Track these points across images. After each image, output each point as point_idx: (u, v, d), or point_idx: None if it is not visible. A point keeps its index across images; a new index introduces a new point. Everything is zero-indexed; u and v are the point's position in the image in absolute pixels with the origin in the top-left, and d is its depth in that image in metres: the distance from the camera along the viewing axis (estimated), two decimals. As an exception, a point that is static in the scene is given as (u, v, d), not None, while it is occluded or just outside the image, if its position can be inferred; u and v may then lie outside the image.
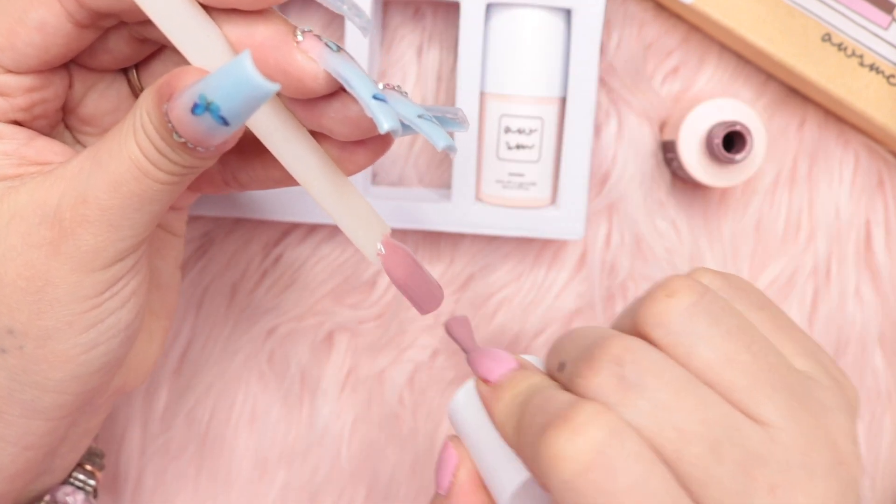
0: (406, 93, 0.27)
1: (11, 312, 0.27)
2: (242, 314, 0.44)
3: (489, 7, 0.39)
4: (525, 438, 0.26)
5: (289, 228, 0.44)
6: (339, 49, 0.26)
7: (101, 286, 0.27)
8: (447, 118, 0.28)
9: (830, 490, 0.25)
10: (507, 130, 0.40)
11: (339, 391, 0.44)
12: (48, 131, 0.29)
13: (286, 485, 0.45)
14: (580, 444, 0.23)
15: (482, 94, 0.40)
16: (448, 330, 0.32)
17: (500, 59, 0.39)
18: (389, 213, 0.41)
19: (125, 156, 0.26)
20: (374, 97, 0.25)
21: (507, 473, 0.28)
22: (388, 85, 0.27)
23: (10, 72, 0.27)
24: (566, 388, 0.26)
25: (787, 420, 0.25)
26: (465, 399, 0.29)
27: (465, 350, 0.31)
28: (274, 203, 0.41)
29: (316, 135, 0.28)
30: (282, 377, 0.44)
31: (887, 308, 0.45)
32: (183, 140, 0.25)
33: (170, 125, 0.25)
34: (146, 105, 0.25)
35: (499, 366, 0.29)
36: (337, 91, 0.26)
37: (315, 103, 0.27)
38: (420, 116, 0.26)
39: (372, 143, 0.29)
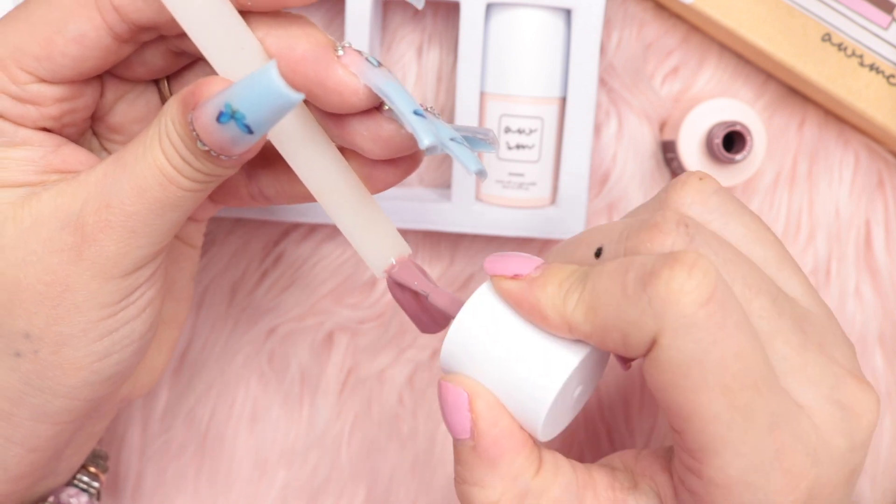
0: (438, 114, 0.27)
1: (29, 317, 0.27)
2: (242, 314, 0.44)
3: (489, 7, 0.39)
4: (610, 300, 0.25)
5: (289, 228, 0.44)
6: (380, 64, 0.26)
7: (119, 294, 0.27)
8: (478, 139, 0.29)
9: (851, 355, 0.27)
10: (508, 130, 0.40)
11: (339, 391, 0.44)
12: (76, 138, 0.30)
13: (286, 485, 0.45)
14: (699, 277, 0.23)
15: (482, 94, 0.40)
16: (391, 277, 0.29)
17: (500, 59, 0.39)
18: (389, 213, 0.41)
19: (150, 162, 0.26)
20: (415, 113, 0.25)
21: (554, 363, 0.26)
22: (422, 105, 0.27)
23: (43, 81, 0.27)
24: None
25: (806, 295, 0.27)
26: (479, 312, 0.27)
27: (421, 292, 0.29)
28: (274, 203, 0.41)
29: (345, 152, 0.28)
30: (282, 377, 0.44)
31: (887, 308, 0.45)
32: (207, 148, 0.25)
33: (194, 133, 0.25)
34: (171, 113, 0.25)
35: (528, 262, 0.27)
36: (370, 109, 0.26)
37: (348, 120, 0.27)
38: (452, 139, 0.26)
39: (401, 162, 0.29)
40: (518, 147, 0.40)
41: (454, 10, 0.42)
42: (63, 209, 0.27)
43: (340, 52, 0.26)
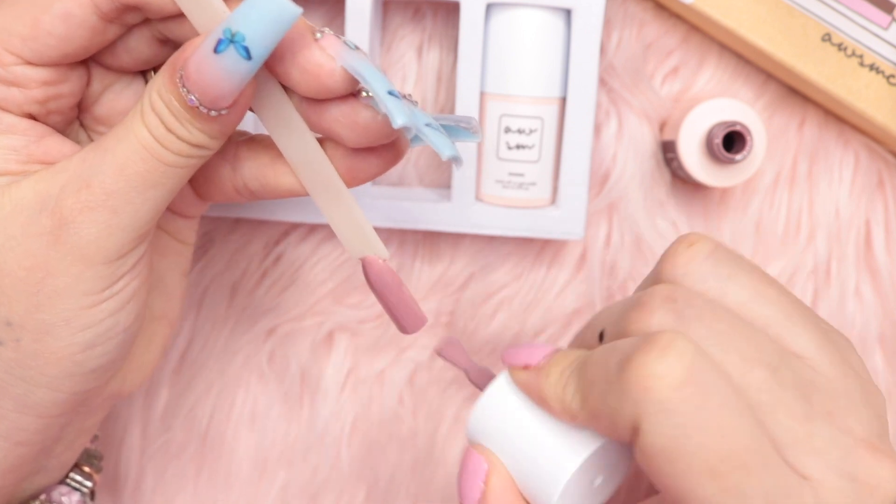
0: (416, 102, 0.28)
1: (10, 304, 0.27)
2: (242, 314, 0.44)
3: (489, 7, 0.39)
4: (597, 389, 0.25)
5: (289, 228, 0.44)
6: (357, 48, 0.26)
7: (102, 282, 0.27)
8: (460, 128, 0.29)
9: (871, 416, 0.25)
10: (507, 130, 0.40)
11: (339, 391, 0.44)
12: (62, 128, 0.30)
13: (286, 485, 0.45)
14: (673, 361, 0.23)
15: (482, 94, 0.40)
16: (440, 353, 0.31)
17: (500, 59, 0.39)
18: (389, 213, 0.41)
19: (132, 138, 0.26)
20: (389, 93, 0.25)
21: (562, 456, 0.27)
22: (399, 92, 0.27)
23: (29, 63, 0.27)
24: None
25: (820, 353, 0.26)
26: (500, 397, 0.28)
27: (467, 371, 0.30)
28: (274, 203, 0.41)
29: (325, 143, 0.29)
30: (282, 377, 0.44)
31: (887, 308, 0.45)
32: (196, 103, 0.25)
33: (183, 90, 0.25)
34: (157, 82, 0.26)
35: (537, 351, 0.28)
36: (348, 96, 0.27)
37: (326, 106, 0.27)
38: (427, 125, 0.26)
39: (383, 152, 0.29)
40: (518, 147, 0.40)
41: (454, 10, 0.42)
42: (41, 193, 0.27)
43: (319, 36, 0.26)
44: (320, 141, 0.29)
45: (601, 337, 0.28)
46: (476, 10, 0.39)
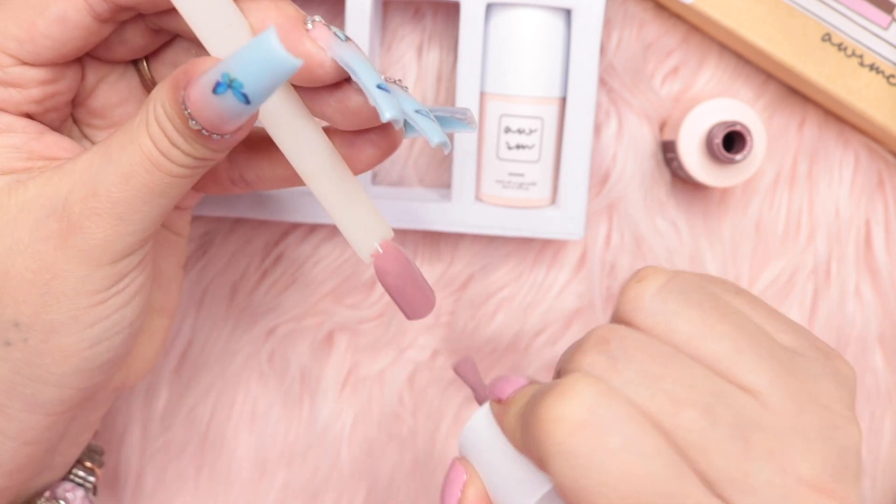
0: (407, 87, 0.28)
1: (18, 305, 0.27)
2: (242, 314, 0.44)
3: (489, 7, 0.39)
4: (520, 429, 0.26)
5: (289, 228, 0.44)
6: (347, 39, 0.26)
7: (108, 281, 0.27)
8: (455, 118, 0.29)
9: (828, 454, 0.25)
10: (507, 130, 0.40)
11: (339, 391, 0.44)
12: (58, 125, 0.30)
13: (286, 485, 0.45)
14: (570, 404, 0.24)
15: (482, 94, 0.40)
16: (459, 373, 0.32)
17: (500, 59, 0.39)
18: (389, 213, 0.41)
19: (137, 148, 0.26)
20: (378, 87, 0.25)
21: (521, 491, 0.28)
22: (389, 78, 0.27)
23: (25, 64, 0.27)
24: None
25: (774, 386, 0.25)
26: (482, 422, 0.30)
27: (475, 391, 0.32)
28: (274, 203, 0.41)
29: (326, 133, 0.29)
30: (282, 377, 0.44)
31: (887, 308, 0.45)
32: (198, 128, 0.25)
33: (186, 112, 0.25)
34: (161, 96, 0.25)
35: (509, 385, 0.29)
36: (340, 82, 0.27)
37: (318, 92, 0.27)
38: (417, 111, 0.26)
39: (378, 141, 0.29)
40: (518, 147, 0.40)
41: (454, 10, 0.42)
42: (48, 197, 0.27)
43: (310, 26, 0.26)
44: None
45: (557, 374, 0.28)
46: (476, 10, 0.39)
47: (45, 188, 0.27)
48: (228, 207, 0.41)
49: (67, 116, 0.30)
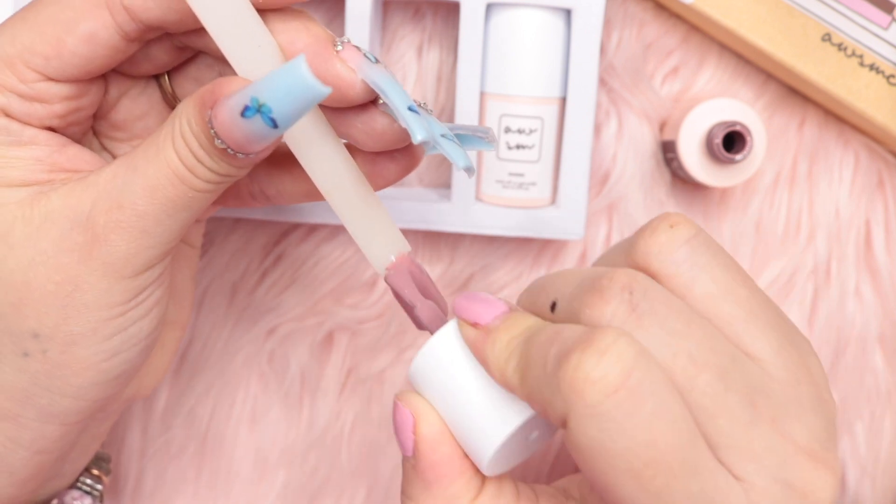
0: (432, 111, 0.28)
1: (39, 316, 0.27)
2: (242, 314, 0.44)
3: (489, 7, 0.39)
4: (534, 373, 0.25)
5: (289, 228, 0.44)
6: (377, 60, 0.26)
7: (129, 294, 0.27)
8: (477, 137, 0.29)
9: (818, 423, 0.25)
10: (508, 130, 0.40)
11: (339, 391, 0.44)
12: (79, 137, 0.30)
13: (286, 485, 0.45)
14: (607, 365, 0.23)
15: (482, 94, 0.40)
16: (390, 284, 0.30)
17: (500, 59, 0.39)
18: (389, 213, 0.41)
19: (163, 162, 0.26)
20: (409, 108, 0.25)
21: (497, 419, 0.27)
22: (416, 101, 0.27)
23: (51, 80, 0.27)
24: (567, 322, 0.26)
25: (777, 356, 0.25)
26: (444, 346, 0.28)
27: (410, 307, 0.29)
28: (274, 203, 0.41)
29: (348, 150, 0.29)
30: (282, 377, 0.44)
31: (887, 308, 0.45)
32: (224, 146, 0.25)
33: (212, 131, 0.25)
34: (187, 113, 0.26)
35: (490, 308, 0.27)
36: (366, 103, 0.27)
37: (345, 113, 0.27)
38: (443, 136, 0.27)
39: (402, 159, 0.29)
40: (518, 147, 0.40)
41: (454, 10, 0.42)
42: (73, 209, 0.27)
43: (339, 48, 0.26)
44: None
45: (553, 307, 0.27)
46: (476, 10, 0.39)
47: (69, 199, 0.27)
48: (228, 207, 0.41)
49: (89, 129, 0.30)
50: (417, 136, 0.25)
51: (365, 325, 0.44)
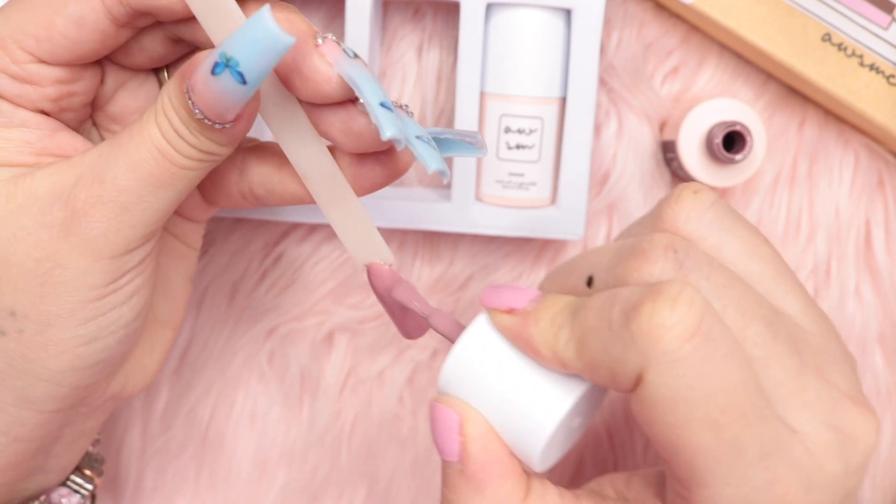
0: (412, 113, 0.28)
1: (16, 293, 0.27)
2: (242, 314, 0.44)
3: (489, 7, 0.39)
4: (596, 336, 0.25)
5: (289, 228, 0.44)
6: (356, 56, 0.27)
7: (108, 276, 0.27)
8: (465, 142, 0.29)
9: (850, 372, 0.27)
10: (507, 130, 0.40)
11: (339, 391, 0.44)
12: (75, 125, 0.30)
13: (286, 485, 0.45)
14: (681, 311, 0.23)
15: (482, 94, 0.40)
16: (399, 298, 0.29)
17: (500, 59, 0.39)
18: (389, 213, 0.41)
19: (145, 137, 0.26)
20: (382, 104, 0.26)
21: (547, 403, 0.26)
22: (395, 102, 0.27)
23: (43, 62, 0.27)
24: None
25: (804, 311, 0.27)
26: (476, 343, 0.27)
27: (424, 314, 0.29)
28: (274, 203, 0.41)
29: (332, 153, 0.29)
30: (282, 377, 0.44)
31: (887, 308, 0.45)
32: (202, 117, 0.25)
33: (190, 102, 0.25)
34: (168, 89, 0.26)
35: (522, 294, 0.27)
36: (346, 102, 0.27)
37: (324, 111, 0.27)
38: (418, 137, 0.26)
39: (385, 161, 0.29)
40: (518, 147, 0.40)
41: (454, 10, 0.42)
42: (56, 186, 0.27)
43: (320, 42, 0.26)
44: (329, 149, 0.29)
45: (590, 282, 0.27)
46: (476, 10, 0.39)
47: (54, 177, 0.27)
48: (222, 209, 0.41)
49: (86, 118, 0.31)
50: (386, 133, 0.25)
51: (365, 325, 0.44)
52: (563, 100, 0.40)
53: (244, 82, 0.24)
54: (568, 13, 0.39)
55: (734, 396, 0.23)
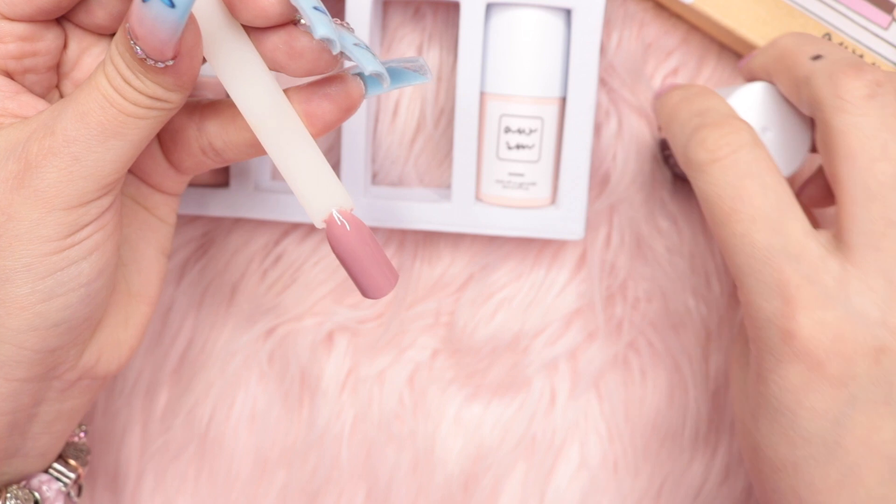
0: (352, 29, 0.28)
1: None
2: (242, 314, 0.44)
3: (489, 7, 0.39)
4: (674, 129, 0.36)
5: (289, 228, 0.44)
6: None
7: (63, 229, 0.27)
8: (409, 70, 0.29)
9: None
10: (507, 130, 0.40)
11: (339, 391, 0.44)
12: (41, 93, 0.30)
13: (286, 485, 0.45)
14: (718, 139, 0.33)
15: (482, 94, 0.40)
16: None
17: (500, 59, 0.39)
18: (389, 213, 0.41)
19: (93, 86, 0.27)
20: (315, 8, 0.26)
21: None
22: (336, 20, 0.27)
23: (4, 17, 0.28)
24: (811, 76, 0.33)
25: None
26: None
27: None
28: (274, 203, 0.41)
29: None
30: (282, 377, 0.44)
31: (887, 308, 0.45)
32: (143, 56, 0.25)
33: (132, 42, 0.25)
34: (116, 36, 0.26)
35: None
36: (287, 24, 0.27)
37: (268, 35, 0.27)
38: (355, 45, 0.27)
39: (335, 96, 0.29)
40: (518, 147, 0.40)
41: (454, 10, 0.42)
42: (12, 141, 0.27)
43: None
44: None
45: (817, 57, 0.34)
46: (476, 10, 0.39)
47: (11, 135, 0.28)
48: (228, 207, 0.41)
49: (52, 87, 0.31)
50: (318, 31, 0.26)
51: (365, 325, 0.44)
52: (563, 100, 0.40)
53: (172, 5, 0.24)
54: (568, 13, 0.39)
55: (744, 204, 0.32)
